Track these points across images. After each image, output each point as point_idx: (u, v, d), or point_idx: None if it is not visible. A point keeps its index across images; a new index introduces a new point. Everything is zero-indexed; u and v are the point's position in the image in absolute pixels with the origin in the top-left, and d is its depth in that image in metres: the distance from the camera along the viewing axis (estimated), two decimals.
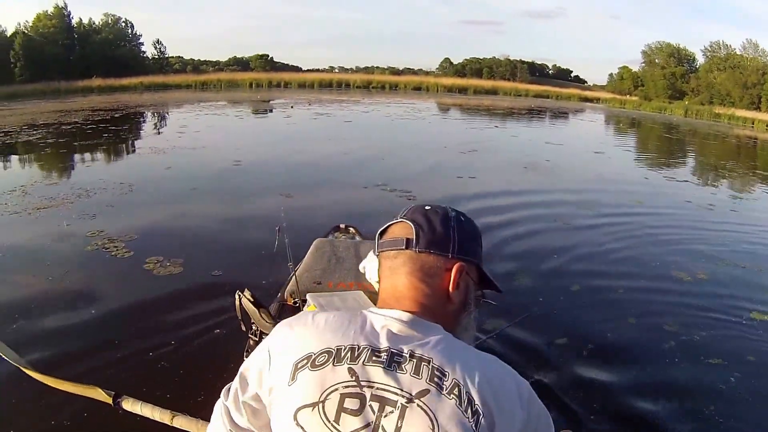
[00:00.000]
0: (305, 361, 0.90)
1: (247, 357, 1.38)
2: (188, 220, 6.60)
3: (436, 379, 0.86)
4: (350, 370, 0.88)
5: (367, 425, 0.85)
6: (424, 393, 0.85)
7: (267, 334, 1.39)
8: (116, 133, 15.99)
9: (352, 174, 9.75)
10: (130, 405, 1.53)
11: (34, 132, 15.76)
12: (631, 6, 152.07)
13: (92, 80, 41.13)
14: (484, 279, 1.07)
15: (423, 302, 0.98)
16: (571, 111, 36.52)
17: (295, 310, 2.68)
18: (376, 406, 0.85)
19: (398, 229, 1.03)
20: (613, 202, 8.77)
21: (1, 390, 3.02)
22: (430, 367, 0.87)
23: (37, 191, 8.04)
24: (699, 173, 14.01)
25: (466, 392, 0.85)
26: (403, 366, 0.88)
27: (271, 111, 26.70)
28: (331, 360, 0.89)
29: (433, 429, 0.83)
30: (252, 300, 2.10)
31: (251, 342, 2.15)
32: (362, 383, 0.87)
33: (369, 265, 3.15)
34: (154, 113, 24.21)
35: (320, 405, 0.87)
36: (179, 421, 1.46)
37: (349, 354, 0.89)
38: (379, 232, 1.06)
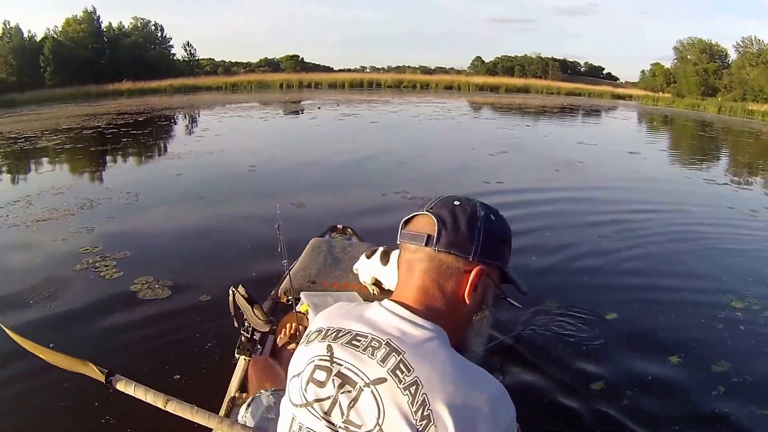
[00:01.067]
0: (305, 338, 1.02)
1: (238, 353, 1.78)
2: (187, 236, 6.17)
3: (398, 372, 0.86)
4: (328, 347, 0.95)
5: (327, 398, 0.91)
6: (380, 381, 0.87)
7: (259, 331, 1.67)
8: (135, 137, 15.81)
9: (372, 180, 9.17)
10: (123, 385, 1.49)
11: (54, 137, 15.72)
12: (663, 2, 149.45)
13: (122, 83, 41.70)
14: (506, 279, 1.04)
15: (432, 304, 0.97)
16: (603, 109, 35.56)
17: (289, 308, 2.66)
18: (337, 381, 0.91)
19: (422, 222, 1.00)
20: (651, 209, 8.05)
21: None
22: (399, 359, 0.87)
23: (41, 201, 7.78)
24: (738, 175, 13.04)
25: (422, 394, 0.84)
26: (375, 352, 0.90)
27: (298, 112, 26.37)
28: (318, 337, 0.98)
29: (378, 418, 0.85)
30: (245, 296, 2.07)
31: (243, 338, 2.13)
32: (334, 359, 0.92)
33: (362, 267, 3.20)
34: (179, 116, 24.11)
35: (302, 374, 0.96)
36: (173, 406, 1.42)
37: (333, 334, 0.97)
38: (403, 220, 1.03)
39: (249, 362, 2.16)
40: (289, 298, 2.70)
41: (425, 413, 0.83)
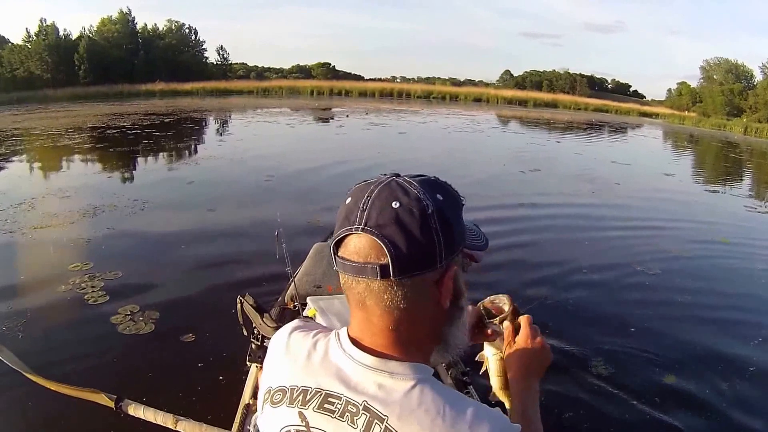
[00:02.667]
0: (267, 394, 0.88)
1: (250, 361, 2.12)
2: (186, 257, 5.56)
3: None
4: (300, 414, 0.82)
5: None
6: None
7: (269, 338, 1.74)
8: (157, 139, 15.49)
9: None
10: (132, 409, 1.50)
11: (77, 136, 15.52)
12: (690, 21, 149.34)
13: (155, 84, 41.96)
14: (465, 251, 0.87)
15: (403, 337, 0.81)
16: (630, 126, 35.10)
17: (295, 314, 2.69)
18: None
19: (363, 247, 0.76)
20: (695, 239, 7.33)
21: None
22: (383, 426, 0.76)
23: (44, 205, 7.40)
24: None
25: None
26: (354, 419, 0.78)
27: (326, 120, 25.98)
28: (284, 400, 0.85)
29: None
30: (253, 305, 2.10)
31: (253, 346, 2.15)
32: (311, 429, 0.81)
33: None
34: (205, 119, 23.88)
35: None
36: (183, 426, 1.42)
37: (300, 396, 0.83)
38: (334, 241, 0.80)
39: (260, 369, 2.00)
40: (296, 303, 2.74)
41: None
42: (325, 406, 0.81)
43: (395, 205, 0.76)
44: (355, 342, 0.83)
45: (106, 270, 5.01)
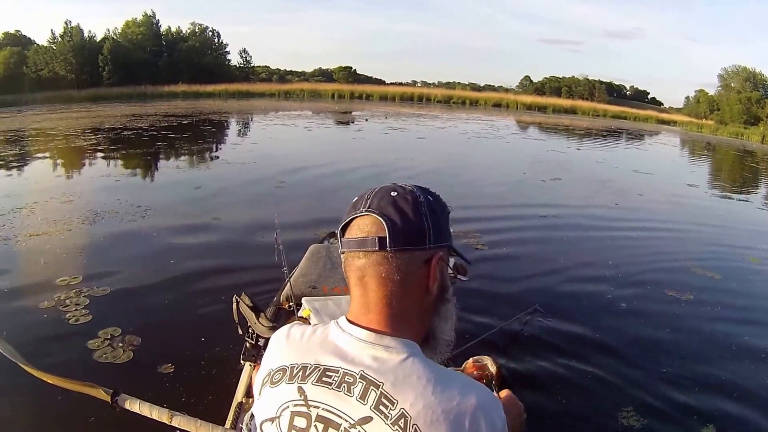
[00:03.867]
0: (267, 377, 0.92)
1: (243, 359, 2.12)
2: (178, 272, 5.15)
3: (381, 407, 0.81)
4: (299, 389, 0.87)
5: None
6: (366, 420, 0.82)
7: (264, 338, 1.99)
8: (171, 141, 15.30)
9: None
10: (128, 403, 1.51)
11: (92, 137, 15.44)
12: (709, 29, 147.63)
13: (178, 86, 42.27)
14: (452, 254, 0.99)
15: (396, 312, 0.90)
16: (649, 133, 34.47)
17: (291, 314, 2.73)
18: (320, 426, 0.84)
19: (365, 224, 0.90)
20: (725, 258, 6.80)
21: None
22: (379, 392, 0.82)
23: (45, 211, 7.15)
24: None
25: (413, 426, 0.79)
26: (351, 388, 0.84)
27: (345, 123, 25.69)
28: (284, 378, 0.89)
29: None
30: (249, 305, 2.12)
31: (248, 345, 2.15)
32: (309, 403, 0.85)
33: None
34: (223, 122, 23.73)
35: (277, 420, 0.88)
36: (178, 421, 1.44)
37: (300, 372, 0.88)
38: (340, 226, 0.93)
39: (254, 368, 2.11)
40: (291, 304, 2.75)
41: None
42: (324, 379, 0.85)
43: (393, 193, 0.91)
44: (352, 323, 0.91)
45: (94, 285, 4.69)
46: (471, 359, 1.20)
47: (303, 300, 2.70)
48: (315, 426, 0.84)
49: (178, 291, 4.76)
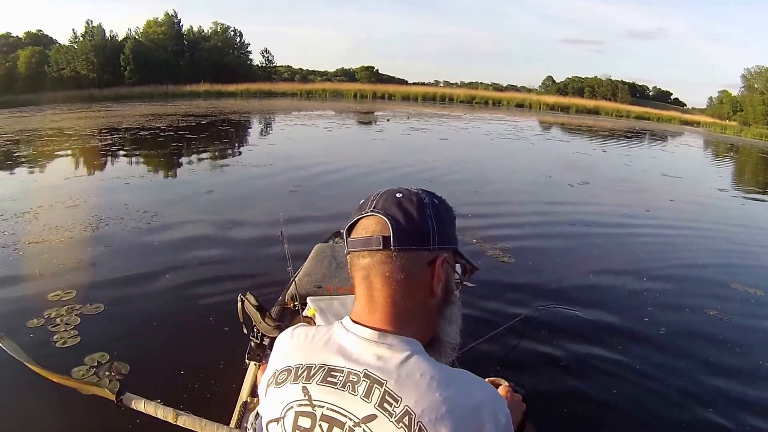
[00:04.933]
0: (272, 377, 0.92)
1: (248, 359, 2.01)
2: (179, 289, 4.75)
3: (386, 405, 0.81)
4: (304, 389, 0.87)
5: None
6: (370, 418, 0.81)
7: (269, 337, 1.91)
8: (188, 142, 15.05)
9: None
10: (133, 402, 1.50)
11: (108, 137, 15.27)
12: (731, 29, 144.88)
13: (199, 85, 42.34)
14: (459, 259, 0.99)
15: (400, 311, 0.90)
16: (673, 134, 33.82)
17: (296, 313, 2.74)
18: (325, 426, 0.84)
19: (370, 224, 0.91)
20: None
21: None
22: (383, 390, 0.82)
23: (49, 215, 6.86)
24: None
25: (417, 423, 0.79)
26: (355, 387, 0.84)
27: (367, 123, 25.31)
28: (289, 378, 0.89)
29: None
30: (255, 304, 2.02)
31: (253, 344, 2.06)
32: (314, 402, 0.85)
33: None
34: (243, 122, 23.49)
35: (282, 420, 0.88)
36: (183, 420, 1.43)
37: (305, 373, 0.88)
38: (346, 227, 0.94)
39: (260, 367, 2.08)
40: (296, 303, 2.74)
41: None
42: (328, 379, 0.85)
43: (398, 195, 0.92)
44: (356, 322, 0.91)
45: (87, 301, 4.33)
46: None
47: (308, 299, 2.72)
48: (320, 425, 0.84)
49: (175, 310, 4.39)
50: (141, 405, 1.52)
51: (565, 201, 9.24)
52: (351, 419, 0.82)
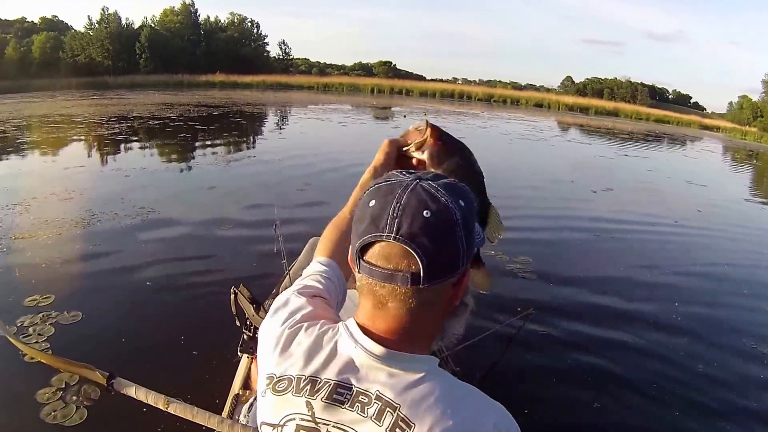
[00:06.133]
0: (269, 381, 0.86)
1: (241, 351, 2.10)
2: (165, 299, 4.34)
3: (398, 430, 0.78)
4: (308, 404, 0.82)
5: None
6: None
7: None
8: (196, 133, 14.69)
9: None
10: (124, 387, 1.49)
11: (116, 125, 14.94)
12: (752, 33, 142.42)
13: (215, 75, 42.09)
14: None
15: (415, 331, 0.84)
16: (694, 139, 33.05)
17: None
18: None
19: (394, 254, 0.78)
20: None
21: None
22: (395, 415, 0.79)
23: (40, 208, 6.50)
24: None
25: None
26: (365, 408, 0.80)
27: (383, 119, 24.84)
28: (290, 389, 0.84)
29: None
30: (248, 296, 2.10)
31: (245, 337, 2.13)
32: (318, 420, 0.81)
33: None
34: (256, 114, 23.09)
35: (279, 428, 0.84)
36: (174, 407, 1.42)
37: (309, 386, 0.83)
38: (360, 245, 0.81)
39: (252, 360, 2.10)
40: None
41: None
42: (335, 396, 0.81)
43: (426, 214, 0.77)
44: (365, 331, 0.84)
45: (65, 308, 3.94)
46: (411, 126, 1.24)
47: None
48: None
49: (158, 324, 3.97)
50: (132, 390, 1.49)
51: (589, 208, 8.71)
52: None
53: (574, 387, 3.60)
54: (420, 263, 0.76)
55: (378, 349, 0.82)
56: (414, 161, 1.25)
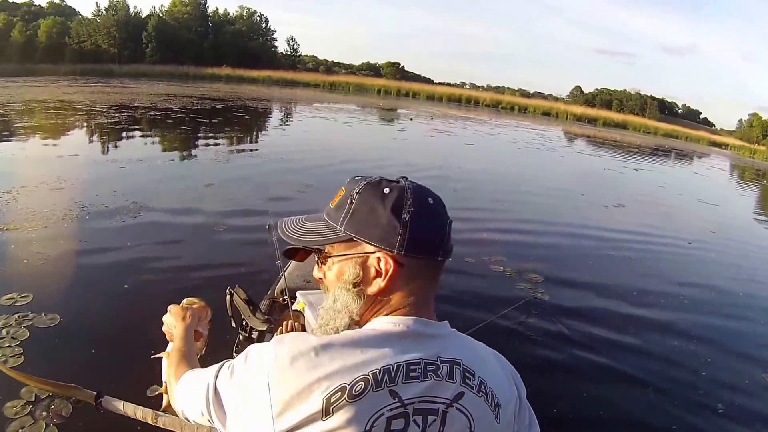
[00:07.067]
0: (339, 393, 0.82)
1: (236, 353, 1.81)
2: (152, 302, 3.95)
3: (468, 381, 0.87)
4: (392, 392, 0.83)
5: None
6: (460, 396, 0.86)
7: (257, 330, 2.07)
8: (197, 126, 14.44)
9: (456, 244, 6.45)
10: (112, 404, 1.47)
11: (116, 114, 14.70)
12: (765, 50, 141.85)
13: (221, 68, 41.87)
14: None
15: (434, 303, 0.97)
16: (698, 155, 32.89)
17: (285, 307, 2.75)
18: (419, 419, 0.84)
19: (440, 234, 0.93)
20: None
21: None
22: (461, 369, 0.88)
23: (29, 198, 6.24)
24: None
25: (489, 388, 0.89)
26: (438, 372, 0.86)
27: (389, 121, 24.60)
28: (369, 387, 0.83)
29: (470, 427, 0.85)
30: (244, 298, 2.12)
31: (241, 338, 2.16)
32: (405, 402, 0.83)
33: None
34: (260, 109, 22.84)
35: None
36: (162, 421, 1.41)
37: (386, 376, 0.84)
38: (446, 235, 0.93)
39: None
40: (285, 297, 2.79)
41: (495, 402, 0.89)
42: (411, 374, 0.85)
43: (450, 219, 0.96)
44: (411, 312, 0.92)
45: (43, 310, 3.66)
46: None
47: (297, 293, 2.70)
48: (414, 420, 0.84)
49: (139, 333, 3.68)
50: (120, 407, 1.46)
51: (601, 225, 8.37)
52: (442, 403, 0.84)
53: (579, 380, 3.78)
54: (447, 238, 0.93)
55: (424, 323, 0.91)
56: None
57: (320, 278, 0.98)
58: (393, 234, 0.88)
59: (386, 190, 0.91)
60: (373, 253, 0.90)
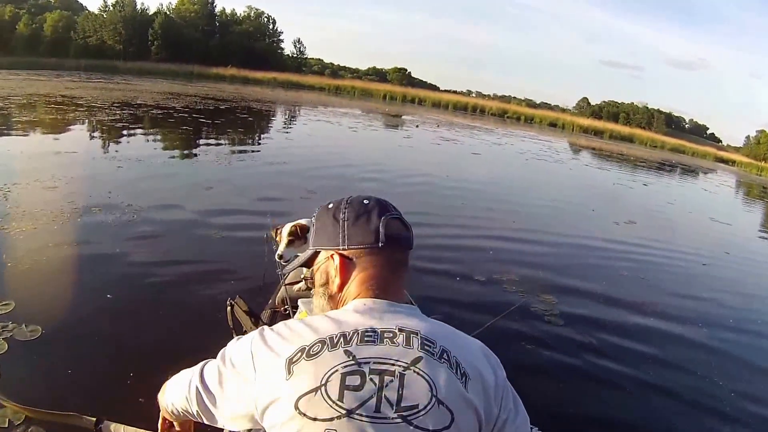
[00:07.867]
0: (299, 353, 0.92)
1: None
2: (142, 316, 3.74)
3: (426, 348, 0.93)
4: (346, 351, 0.90)
5: (371, 397, 0.87)
6: (418, 360, 0.91)
7: None
8: (199, 127, 14.21)
9: (464, 262, 5.85)
10: (112, 429, 1.46)
11: (118, 112, 14.45)
12: None
13: (227, 69, 41.76)
14: None
15: (402, 290, 1.07)
16: (703, 170, 32.68)
17: (287, 317, 2.70)
18: (376, 378, 0.89)
19: (401, 227, 1.06)
20: None
21: None
22: (419, 337, 0.94)
23: (20, 196, 5.99)
24: None
25: (453, 356, 0.93)
26: (394, 339, 0.93)
27: (394, 127, 24.36)
28: (325, 347, 0.91)
29: (431, 391, 0.89)
30: (245, 309, 2.10)
31: None
32: (360, 360, 0.90)
33: None
34: (264, 111, 22.62)
35: (322, 388, 0.88)
36: None
37: (341, 339, 0.92)
38: (383, 223, 1.04)
39: None
40: (287, 306, 2.78)
41: (462, 371, 0.92)
42: (366, 339, 0.92)
43: (394, 213, 1.10)
44: (375, 294, 1.04)
45: (24, 321, 3.39)
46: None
47: (299, 302, 2.65)
48: (371, 379, 0.88)
49: (138, 317, 3.47)
50: (120, 431, 1.43)
51: (613, 242, 8.02)
52: (400, 365, 0.89)
53: (580, 384, 3.79)
54: (410, 231, 1.09)
55: (387, 304, 1.00)
56: None
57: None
58: (336, 234, 1.05)
59: (330, 205, 1.11)
60: (330, 257, 1.07)
